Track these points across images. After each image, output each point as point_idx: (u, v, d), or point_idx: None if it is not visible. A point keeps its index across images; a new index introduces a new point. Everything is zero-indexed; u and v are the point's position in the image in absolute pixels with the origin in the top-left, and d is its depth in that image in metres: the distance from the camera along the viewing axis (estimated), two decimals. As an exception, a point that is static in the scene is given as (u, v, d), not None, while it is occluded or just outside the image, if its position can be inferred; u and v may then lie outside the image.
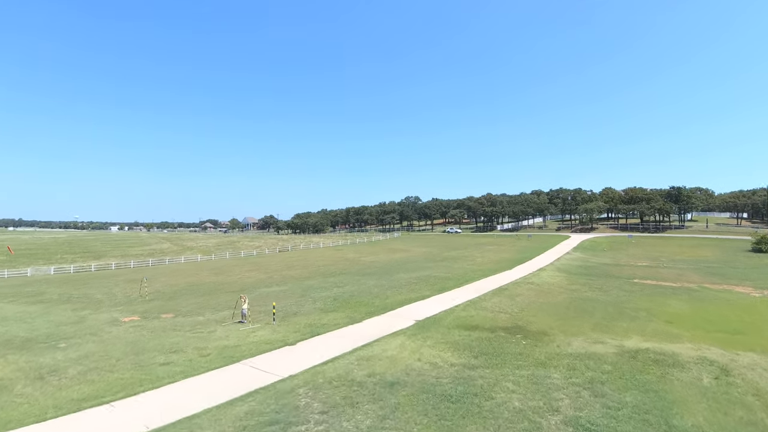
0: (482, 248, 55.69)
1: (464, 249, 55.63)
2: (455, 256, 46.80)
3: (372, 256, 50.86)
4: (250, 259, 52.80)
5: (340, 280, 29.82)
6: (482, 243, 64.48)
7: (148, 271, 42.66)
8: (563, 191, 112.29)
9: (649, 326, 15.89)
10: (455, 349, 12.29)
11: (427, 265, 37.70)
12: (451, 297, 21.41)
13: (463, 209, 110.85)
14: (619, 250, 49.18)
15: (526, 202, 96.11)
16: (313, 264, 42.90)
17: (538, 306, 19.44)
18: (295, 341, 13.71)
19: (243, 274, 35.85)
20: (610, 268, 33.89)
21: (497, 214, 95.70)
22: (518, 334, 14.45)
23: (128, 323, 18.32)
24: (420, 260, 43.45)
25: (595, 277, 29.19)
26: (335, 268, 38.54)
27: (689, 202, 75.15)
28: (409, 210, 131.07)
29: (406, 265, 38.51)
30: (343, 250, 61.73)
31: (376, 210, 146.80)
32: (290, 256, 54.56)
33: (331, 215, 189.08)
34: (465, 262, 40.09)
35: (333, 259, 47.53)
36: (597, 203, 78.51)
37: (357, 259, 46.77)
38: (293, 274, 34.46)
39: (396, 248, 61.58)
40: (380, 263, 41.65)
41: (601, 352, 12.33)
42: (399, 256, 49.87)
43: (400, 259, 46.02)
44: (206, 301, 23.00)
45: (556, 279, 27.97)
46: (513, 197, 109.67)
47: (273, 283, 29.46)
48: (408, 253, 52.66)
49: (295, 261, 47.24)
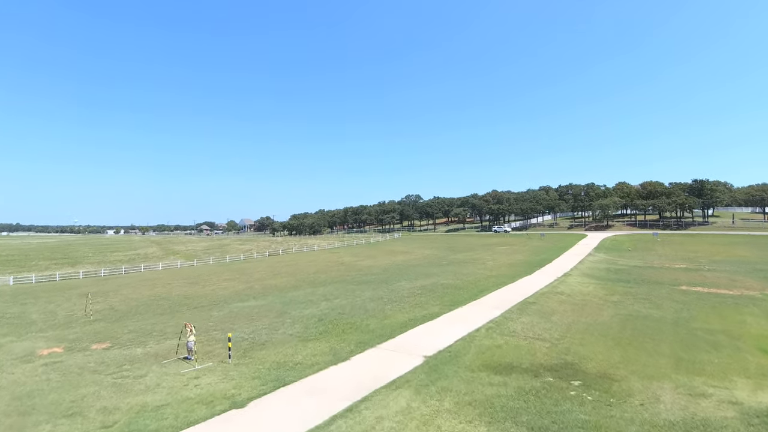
0: (492, 249, 51.50)
1: (472, 250, 51.45)
2: (463, 259, 42.61)
3: (370, 259, 46.70)
4: (235, 265, 48.61)
5: (331, 290, 25.63)
6: (491, 243, 60.31)
7: (117, 281, 38.48)
8: (573, 187, 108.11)
9: (746, 360, 11.71)
10: (490, 420, 8.05)
11: (433, 271, 33.52)
12: (466, 315, 17.23)
13: (467, 207, 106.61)
14: (647, 250, 44.97)
15: (535, 198, 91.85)
16: (302, 270, 38.71)
17: (583, 327, 15.26)
18: (248, 398, 9.50)
19: (220, 284, 31.66)
20: (646, 272, 29.69)
21: (504, 212, 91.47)
22: (573, 379, 10.26)
23: (44, 358, 14.15)
24: (424, 264, 39.27)
25: (634, 284, 25.00)
26: (327, 275, 34.35)
27: (713, 196, 70.92)
28: (410, 209, 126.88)
29: (408, 271, 34.33)
30: (338, 253, 57.57)
31: (375, 209, 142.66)
32: (279, 261, 50.39)
33: (329, 216, 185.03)
34: (475, 266, 35.91)
35: (326, 264, 43.35)
36: (613, 199, 74.26)
37: (353, 264, 42.59)
38: (277, 284, 30.26)
39: (396, 250, 57.41)
40: (379, 268, 37.47)
41: (716, 415, 8.15)
42: (400, 259, 45.70)
43: (401, 263, 41.84)
44: (160, 323, 18.81)
45: (589, 287, 23.78)
46: (520, 194, 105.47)
47: (251, 296, 25.27)
48: (410, 256, 48.49)
49: (283, 266, 43.05)
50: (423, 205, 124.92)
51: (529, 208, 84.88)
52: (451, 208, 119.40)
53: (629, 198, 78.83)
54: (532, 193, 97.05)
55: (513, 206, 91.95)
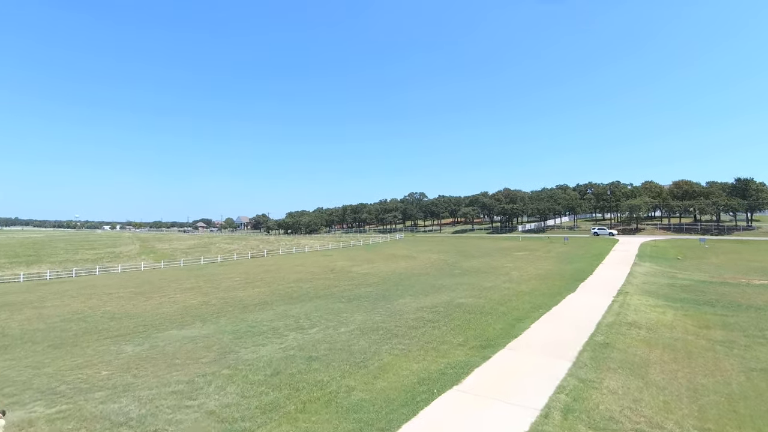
0: (510, 255, 45.20)
1: (487, 256, 45.18)
2: (479, 266, 36.36)
3: (367, 264, 40.51)
4: (208, 270, 42.51)
5: (310, 311, 19.44)
6: (507, 248, 53.99)
7: (56, 287, 32.47)
8: (594, 186, 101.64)
9: None
10: None
11: (444, 283, 27.28)
12: (511, 370, 10.98)
13: (476, 207, 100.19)
14: (699, 259, 38.55)
15: (553, 197, 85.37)
16: (283, 278, 32.55)
17: (715, 399, 8.99)
18: None
19: (171, 296, 25.52)
20: (725, 291, 23.32)
21: (518, 213, 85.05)
22: None
23: None
24: (432, 273, 33.04)
25: (723, 308, 18.64)
26: (311, 285, 28.16)
27: (758, 197, 64.30)
28: (414, 208, 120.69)
29: (412, 282, 28.11)
30: (331, 256, 51.43)
31: (375, 208, 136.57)
32: (260, 265, 44.24)
33: (327, 214, 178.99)
34: (497, 276, 29.67)
35: (314, 270, 37.20)
36: (643, 199, 67.68)
37: (346, 270, 36.41)
38: (244, 297, 24.09)
39: (398, 254, 51.21)
40: (376, 277, 31.26)
41: None
42: (402, 265, 39.48)
43: (404, 270, 35.64)
44: (38, 365, 12.67)
45: (667, 315, 17.46)
46: (536, 193, 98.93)
47: (199, 317, 19.10)
48: (414, 262, 42.26)
49: (262, 272, 36.93)
50: (428, 203, 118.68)
51: (548, 208, 78.41)
52: (458, 208, 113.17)
53: (660, 198, 72.26)
54: (550, 192, 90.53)
55: (528, 206, 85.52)
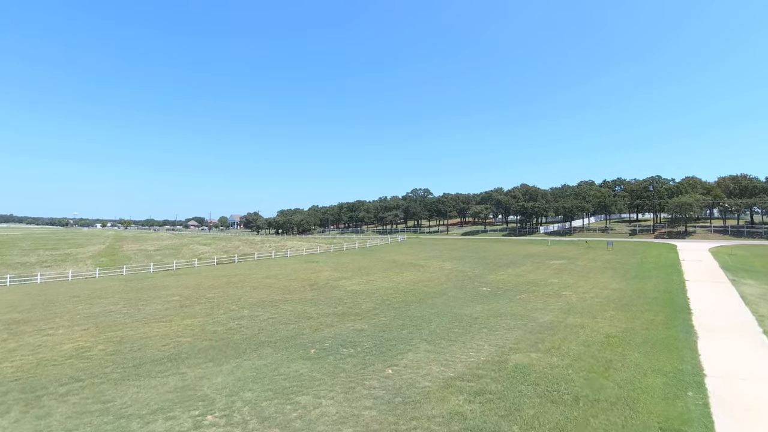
0: (546, 264, 36.62)
1: (516, 264, 36.58)
2: (513, 282, 27.78)
3: (360, 277, 31.95)
4: (149, 282, 33.83)
5: (239, 385, 10.80)
6: (536, 254, 45.42)
7: None
8: (623, 182, 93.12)
9: None
10: None
11: (474, 312, 18.70)
12: None
13: (489, 204, 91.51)
14: (808, 274, 29.99)
15: (580, 194, 76.71)
16: (239, 299, 23.96)
17: None
18: None
19: (35, 338, 16.90)
20: None
21: (540, 212, 76.44)
22: None
23: None
24: (451, 291, 24.45)
25: None
26: (271, 316, 19.56)
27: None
28: (417, 206, 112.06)
29: (425, 310, 19.53)
30: (317, 263, 42.85)
31: (374, 206, 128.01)
32: (222, 275, 35.62)
33: (321, 213, 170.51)
34: (547, 300, 21.09)
35: (288, 285, 28.62)
36: (695, 196, 59.05)
37: (332, 286, 27.85)
38: (152, 339, 15.48)
39: (402, 261, 42.65)
40: (372, 299, 22.66)
41: None
42: (408, 278, 30.90)
43: (410, 286, 27.05)
44: None
45: None
46: (557, 189, 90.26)
47: (13, 405, 10.51)
48: (423, 273, 33.69)
49: (216, 287, 28.35)
50: (433, 201, 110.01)
51: (576, 206, 69.80)
52: (467, 206, 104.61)
53: (711, 196, 63.66)
54: (578, 188, 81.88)
55: (551, 204, 76.92)
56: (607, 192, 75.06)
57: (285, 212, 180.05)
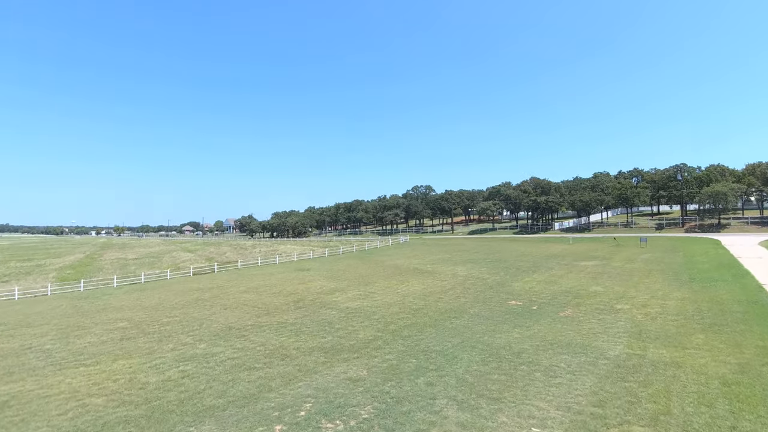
0: (578, 267, 31.91)
1: (543, 268, 31.81)
2: (547, 291, 23.00)
3: (358, 289, 27.17)
4: (102, 301, 28.97)
5: None
6: (559, 254, 40.69)
7: None
8: (640, 172, 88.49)
9: None
10: None
11: (510, 340, 13.89)
12: None
13: (497, 200, 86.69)
14: None
15: (598, 186, 71.98)
16: (203, 322, 19.17)
17: None
18: None
19: None
20: None
21: (554, 206, 71.69)
22: None
23: None
24: (472, 308, 19.67)
25: None
26: (240, 349, 14.78)
27: None
28: (419, 204, 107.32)
29: (444, 338, 14.72)
30: (309, 271, 38.09)
31: (373, 205, 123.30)
32: (195, 289, 30.81)
33: (317, 214, 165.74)
34: (601, 318, 16.32)
35: (269, 302, 23.86)
36: (728, 185, 54.34)
37: (322, 302, 23.09)
38: (50, 404, 10.73)
39: (406, 266, 37.91)
40: (373, 323, 17.85)
41: None
42: (416, 289, 26.11)
43: (420, 301, 22.28)
44: None
45: None
46: (570, 182, 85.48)
47: None
48: (433, 281, 28.92)
49: (176, 309, 23.56)
50: (436, 198, 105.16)
51: (594, 199, 65.11)
52: (473, 203, 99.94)
53: (744, 184, 59.00)
54: (591, 180, 77.13)
55: (566, 198, 72.21)
56: (628, 183, 70.34)
57: (279, 214, 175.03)
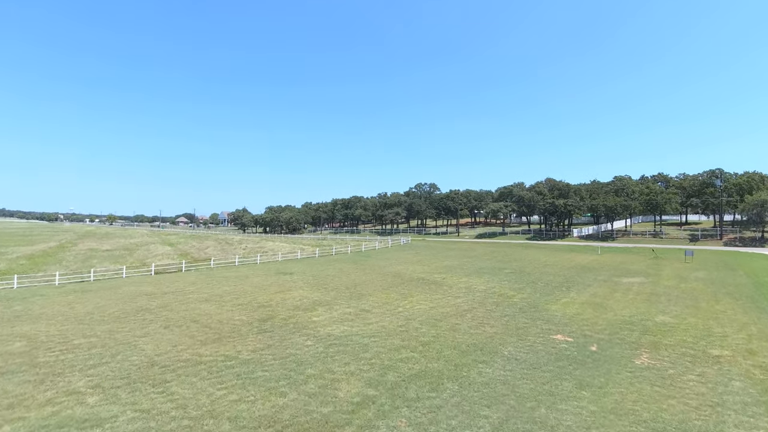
0: (620, 286, 26.41)
1: (579, 285, 26.27)
2: (597, 319, 17.45)
3: (347, 304, 21.66)
4: (22, 306, 23.45)
5: None
6: (589, 266, 35.22)
7: None
8: (665, 177, 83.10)
9: None
10: None
11: (587, 420, 8.44)
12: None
13: (509, 201, 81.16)
14: None
15: (623, 190, 66.45)
16: (117, 354, 13.66)
17: None
18: None
19: None
20: None
21: (573, 211, 66.21)
22: None
23: None
24: (507, 349, 14.14)
25: None
26: (144, 415, 9.30)
27: None
28: (422, 203, 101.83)
29: (474, 407, 9.23)
30: (292, 275, 32.61)
31: (372, 203, 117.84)
32: (142, 295, 25.25)
33: (313, 210, 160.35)
34: (703, 368, 10.82)
35: (226, 321, 18.35)
36: (777, 192, 49.04)
37: (296, 324, 17.58)
38: None
39: (409, 274, 32.43)
40: (360, 368, 12.29)
41: None
42: (423, 309, 20.58)
43: (428, 328, 16.73)
44: None
45: None
46: (587, 186, 79.96)
47: None
48: (444, 298, 23.40)
49: (104, 324, 18.03)
50: (441, 197, 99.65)
51: (621, 204, 59.62)
52: (481, 203, 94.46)
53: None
54: (616, 183, 71.54)
55: (586, 201, 66.69)
56: (657, 188, 64.81)
57: (274, 209, 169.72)
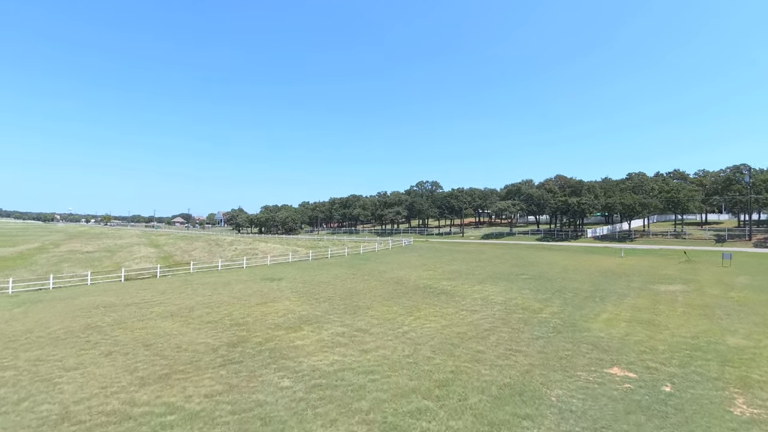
0: (661, 295, 22.84)
1: (614, 295, 22.68)
2: (653, 342, 13.81)
3: (342, 321, 18.10)
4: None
5: None
6: (616, 271, 31.70)
7: None
8: (681, 174, 79.66)
9: None
10: None
11: None
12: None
13: (518, 200, 77.63)
14: None
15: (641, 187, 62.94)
16: (16, 407, 10.12)
17: None
18: None
19: None
20: None
21: (588, 209, 62.70)
22: None
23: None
24: (554, 393, 10.54)
25: None
26: None
27: None
28: (424, 202, 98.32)
29: None
30: (279, 282, 29.08)
31: (371, 202, 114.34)
32: (98, 307, 21.64)
33: (310, 209, 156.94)
34: None
35: (185, 348, 14.80)
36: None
37: (273, 352, 14.03)
38: None
39: (414, 281, 28.91)
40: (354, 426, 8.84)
41: None
42: (434, 328, 16.98)
43: (443, 356, 13.15)
44: None
45: None
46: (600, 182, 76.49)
47: None
48: (459, 314, 19.84)
49: (32, 350, 14.52)
50: (444, 196, 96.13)
51: (640, 203, 56.13)
52: (486, 202, 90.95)
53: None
54: (635, 180, 68.03)
55: (601, 199, 63.19)
56: (678, 185, 61.25)
57: (269, 208, 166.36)
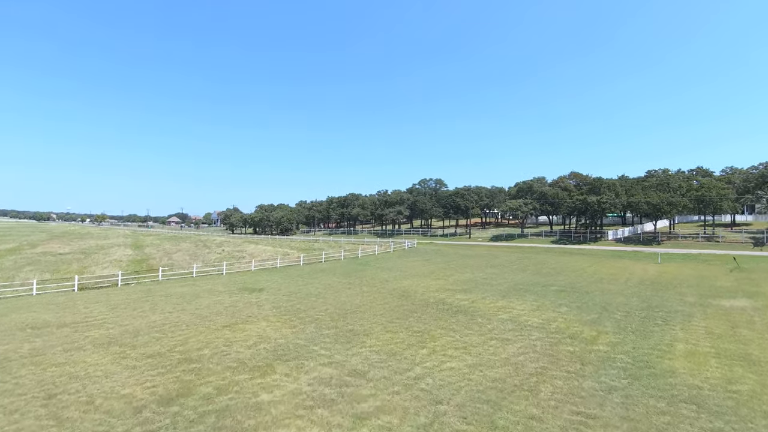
0: (730, 315, 18.42)
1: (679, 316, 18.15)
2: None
3: (331, 355, 13.62)
4: None
5: None
6: (657, 280, 27.28)
7: None
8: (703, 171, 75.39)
9: None
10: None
11: None
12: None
13: (530, 199, 73.22)
14: None
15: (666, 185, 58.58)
16: None
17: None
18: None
19: None
20: None
21: (608, 209, 58.34)
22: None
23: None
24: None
25: None
26: None
27: None
28: (428, 201, 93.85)
29: None
30: (261, 293, 24.64)
31: (371, 201, 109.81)
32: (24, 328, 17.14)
33: (307, 208, 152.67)
34: None
35: (117, 396, 10.38)
36: None
37: (224, 416, 9.65)
38: None
39: (421, 295, 24.48)
40: None
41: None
42: (456, 376, 12.57)
43: (481, 430, 8.81)
44: None
45: None
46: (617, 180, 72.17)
47: None
48: (486, 347, 15.37)
49: None
50: (449, 195, 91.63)
51: (667, 202, 51.81)
52: (494, 202, 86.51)
53: None
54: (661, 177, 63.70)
55: (622, 198, 58.81)
56: (711, 182, 56.92)
57: (265, 207, 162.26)
